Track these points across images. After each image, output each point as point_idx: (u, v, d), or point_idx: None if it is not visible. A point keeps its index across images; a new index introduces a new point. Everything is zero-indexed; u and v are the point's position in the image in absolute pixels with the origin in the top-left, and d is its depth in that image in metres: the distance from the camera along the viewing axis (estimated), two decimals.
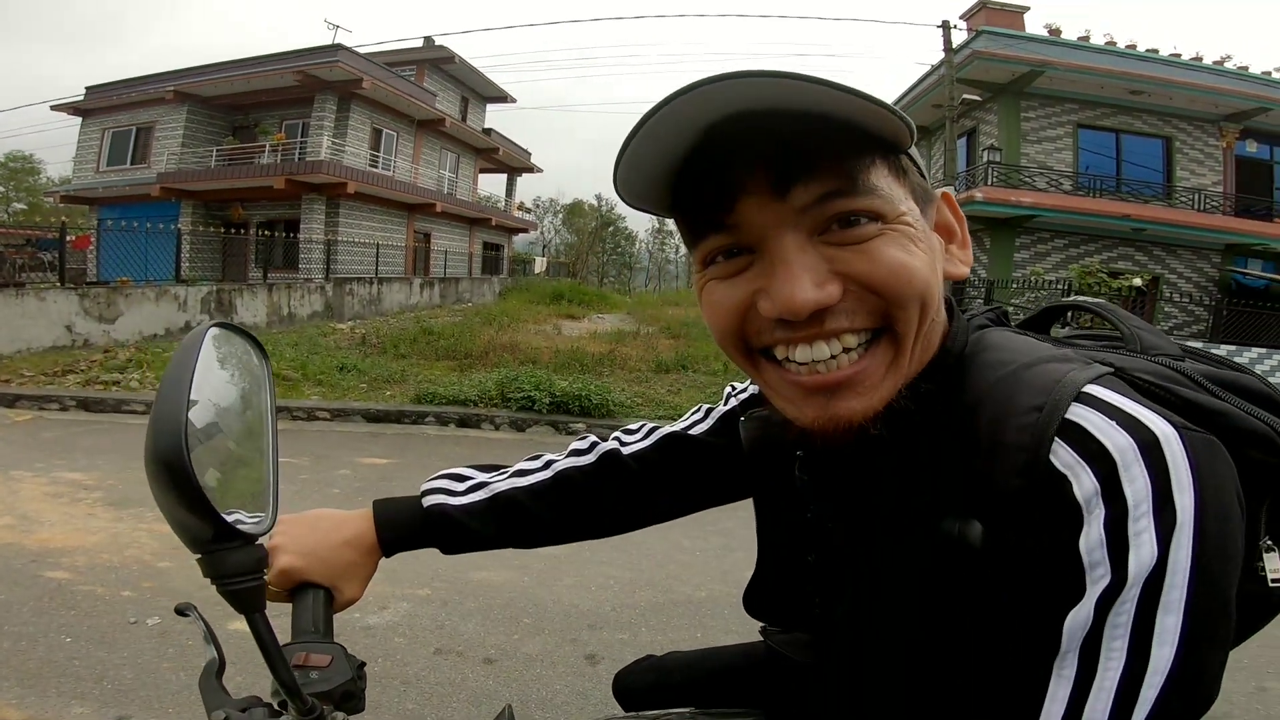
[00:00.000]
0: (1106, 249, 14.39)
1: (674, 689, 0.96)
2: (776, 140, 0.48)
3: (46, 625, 2.46)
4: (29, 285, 9.00)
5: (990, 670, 0.50)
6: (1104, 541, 0.43)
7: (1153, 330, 0.63)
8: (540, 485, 0.85)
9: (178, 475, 0.44)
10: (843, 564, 0.65)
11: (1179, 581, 0.42)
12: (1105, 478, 0.44)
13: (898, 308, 0.51)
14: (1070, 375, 0.48)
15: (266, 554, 0.52)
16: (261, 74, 17.02)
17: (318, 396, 6.94)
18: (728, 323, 0.54)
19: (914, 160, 0.55)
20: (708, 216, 0.53)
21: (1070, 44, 14.59)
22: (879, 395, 0.52)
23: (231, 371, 0.60)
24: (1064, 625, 0.44)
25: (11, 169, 36.19)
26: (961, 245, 0.61)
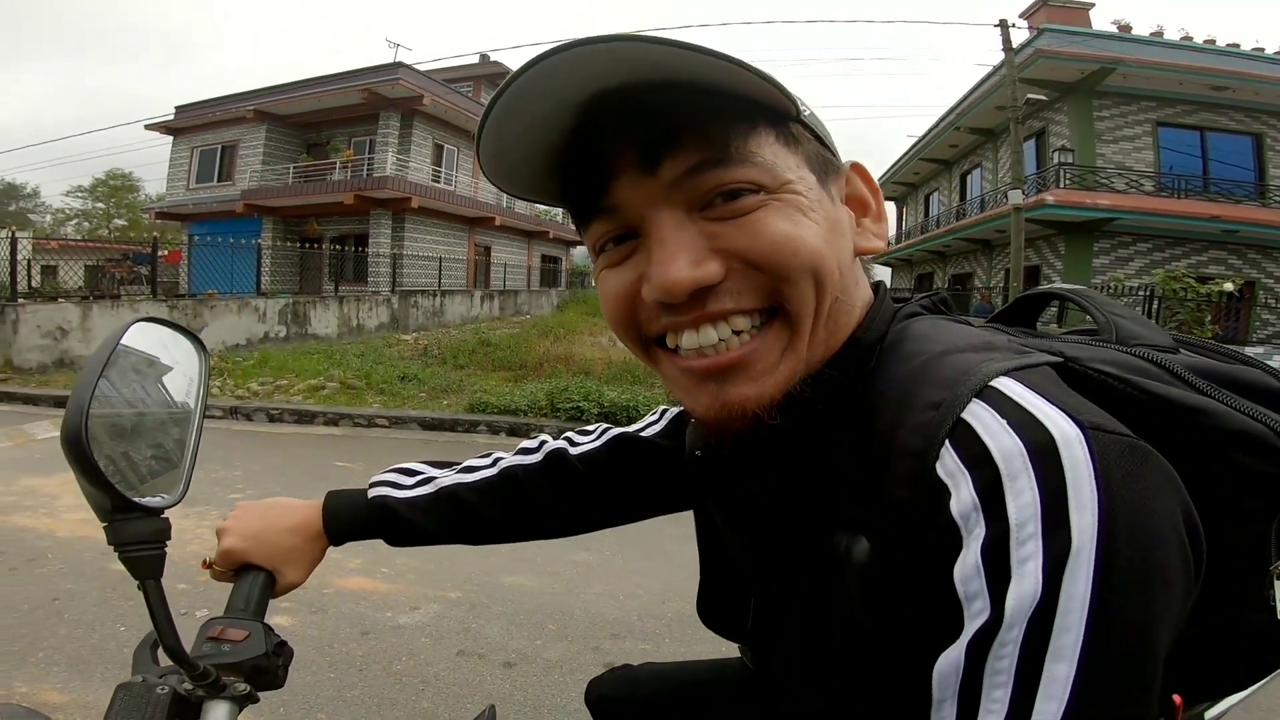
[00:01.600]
0: (1195, 252, 13.55)
1: (641, 700, 0.95)
2: (644, 115, 0.46)
3: (105, 615, 2.63)
4: (125, 297, 9.71)
5: (879, 709, 0.46)
6: (981, 569, 0.36)
7: (1139, 319, 0.56)
8: (484, 482, 0.85)
9: (76, 451, 0.50)
10: (750, 575, 0.63)
11: (1072, 623, 0.34)
12: (986, 490, 0.37)
13: (786, 283, 0.47)
14: (981, 366, 0.41)
15: (167, 527, 0.56)
16: (330, 92, 17.88)
17: (379, 405, 7.21)
18: (619, 311, 0.52)
19: (809, 128, 0.51)
20: (587, 201, 0.51)
21: (1143, 40, 13.95)
22: (774, 381, 0.48)
23: (158, 361, 0.64)
24: (935, 668, 0.38)
25: (112, 186, 39.06)
26: (876, 219, 0.56)
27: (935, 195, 22.50)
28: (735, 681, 0.90)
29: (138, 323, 0.61)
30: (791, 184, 0.48)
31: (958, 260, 20.30)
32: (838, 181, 0.54)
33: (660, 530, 3.65)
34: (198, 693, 0.58)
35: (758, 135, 0.47)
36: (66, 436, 0.50)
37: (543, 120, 0.47)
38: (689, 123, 0.46)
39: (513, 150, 0.50)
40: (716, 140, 0.46)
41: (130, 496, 0.53)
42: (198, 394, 0.67)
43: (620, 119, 0.46)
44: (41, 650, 2.35)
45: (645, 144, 0.46)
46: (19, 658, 2.29)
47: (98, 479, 0.51)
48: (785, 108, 0.48)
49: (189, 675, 0.57)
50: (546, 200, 0.56)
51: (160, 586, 0.56)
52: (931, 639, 0.39)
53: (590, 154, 0.48)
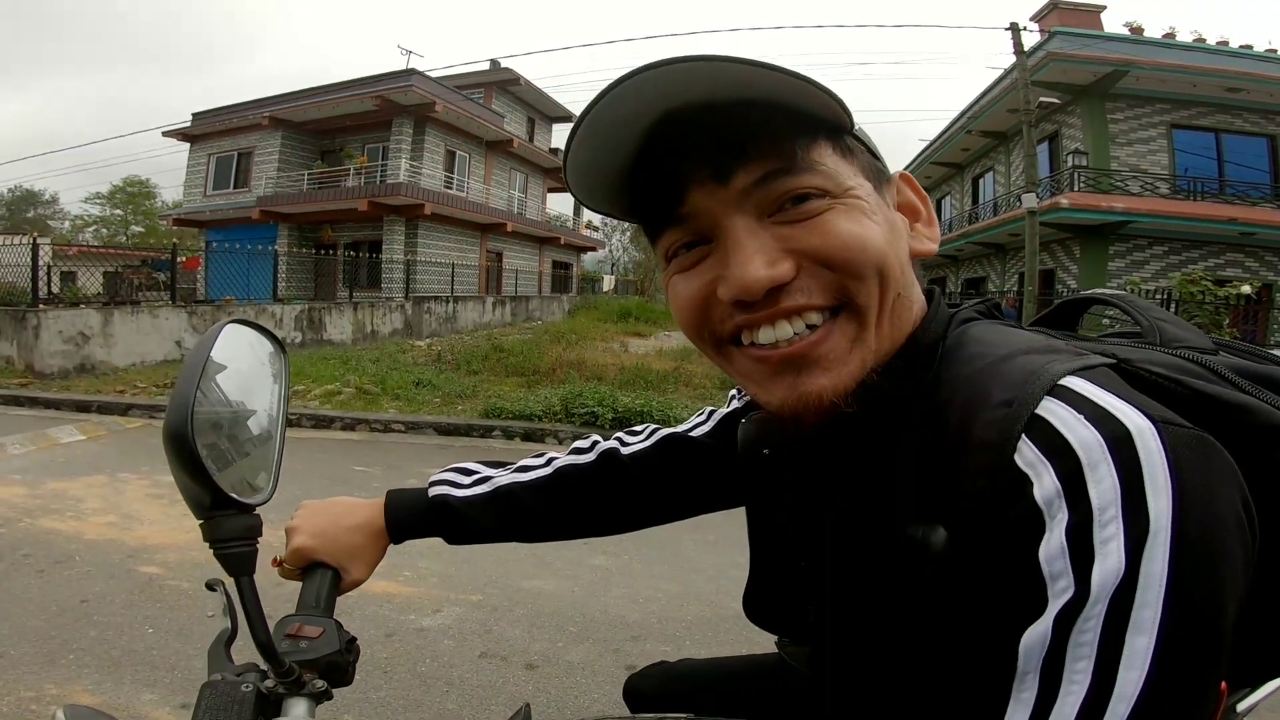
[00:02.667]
0: (1212, 255, 13.41)
1: (681, 695, 0.96)
2: (715, 129, 0.49)
3: (133, 617, 2.68)
4: (144, 303, 9.84)
5: (956, 690, 0.47)
6: (1065, 550, 0.39)
7: (1179, 323, 0.59)
8: (540, 481, 0.87)
9: (182, 448, 0.52)
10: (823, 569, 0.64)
11: (1151, 598, 0.37)
12: (1069, 478, 0.39)
13: (854, 279, 0.50)
14: (1048, 367, 0.44)
15: (259, 523, 0.58)
16: (344, 99, 18.07)
17: (395, 410, 7.25)
18: (692, 313, 0.54)
19: (862, 141, 0.55)
20: (661, 211, 0.54)
21: (1156, 42, 13.83)
22: (847, 371, 0.51)
23: (247, 362, 0.67)
24: (1021, 643, 0.40)
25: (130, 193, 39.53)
26: (927, 224, 0.60)
27: (948, 199, 22.39)
28: (773, 675, 0.91)
29: (229, 324, 0.63)
30: (853, 190, 0.51)
31: (970, 264, 20.20)
32: (889, 190, 0.57)
33: (679, 535, 3.69)
34: (279, 690, 0.60)
35: (819, 146, 0.51)
36: (172, 433, 0.52)
37: (619, 137, 0.50)
38: (758, 135, 0.49)
39: (594, 168, 0.53)
40: (784, 151, 0.49)
41: (227, 493, 0.55)
42: (281, 394, 0.70)
43: (694, 133, 0.49)
44: (72, 653, 2.39)
45: (718, 156, 0.50)
46: (49, 659, 2.33)
47: (200, 475, 0.53)
48: (842, 121, 0.52)
49: (275, 672, 0.59)
50: (622, 215, 0.59)
51: (253, 583, 0.58)
52: (1013, 618, 0.41)
53: (664, 166, 0.52)
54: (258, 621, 0.57)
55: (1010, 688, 0.41)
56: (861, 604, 0.57)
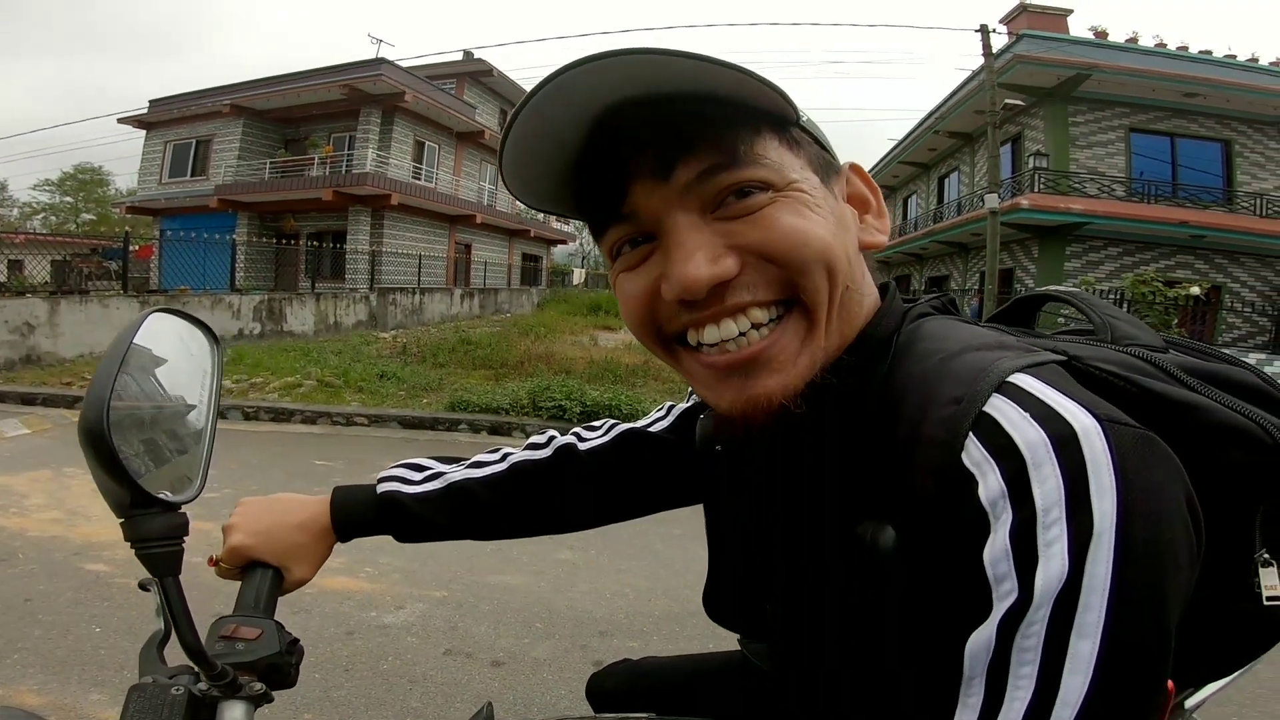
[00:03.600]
0: (1163, 257, 13.85)
1: (644, 693, 0.95)
2: (657, 124, 0.48)
3: (80, 615, 2.57)
4: (94, 293, 9.48)
5: (907, 691, 0.47)
6: (1009, 552, 0.38)
7: (1131, 321, 0.59)
8: (495, 477, 0.84)
9: (98, 444, 0.48)
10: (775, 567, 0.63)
11: (1095, 602, 0.36)
12: (1013, 477, 0.39)
13: (799, 274, 0.49)
14: (998, 364, 0.44)
15: (185, 522, 0.55)
16: (310, 88, 17.64)
17: (358, 403, 7.12)
18: (638, 312, 0.53)
19: (809, 132, 0.54)
20: (604, 208, 0.53)
21: (1118, 46, 14.21)
22: (796, 372, 0.50)
23: (174, 354, 0.62)
24: (966, 647, 0.40)
25: (81, 180, 38.15)
26: (877, 215, 0.59)
27: (914, 198, 22.80)
28: (736, 673, 0.90)
29: (153, 313, 0.59)
30: (797, 183, 0.50)
31: (934, 263, 20.59)
32: (839, 181, 0.56)
33: (646, 530, 3.68)
34: (213, 693, 0.57)
35: (763, 139, 0.50)
36: (87, 429, 0.48)
37: (560, 133, 0.49)
38: (700, 130, 0.48)
39: (533, 164, 0.52)
40: (726, 145, 0.48)
41: (150, 491, 0.52)
42: (212, 387, 0.66)
43: (634, 129, 0.49)
44: (17, 652, 2.29)
45: (659, 151, 0.49)
46: None
47: (118, 473, 0.50)
48: (787, 113, 0.51)
49: (207, 675, 0.56)
50: (564, 212, 0.58)
51: (179, 584, 0.54)
52: (959, 621, 0.41)
53: (606, 163, 0.51)
54: (184, 624, 0.54)
55: (958, 692, 0.40)
56: (814, 602, 0.56)
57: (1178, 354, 0.54)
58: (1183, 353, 0.55)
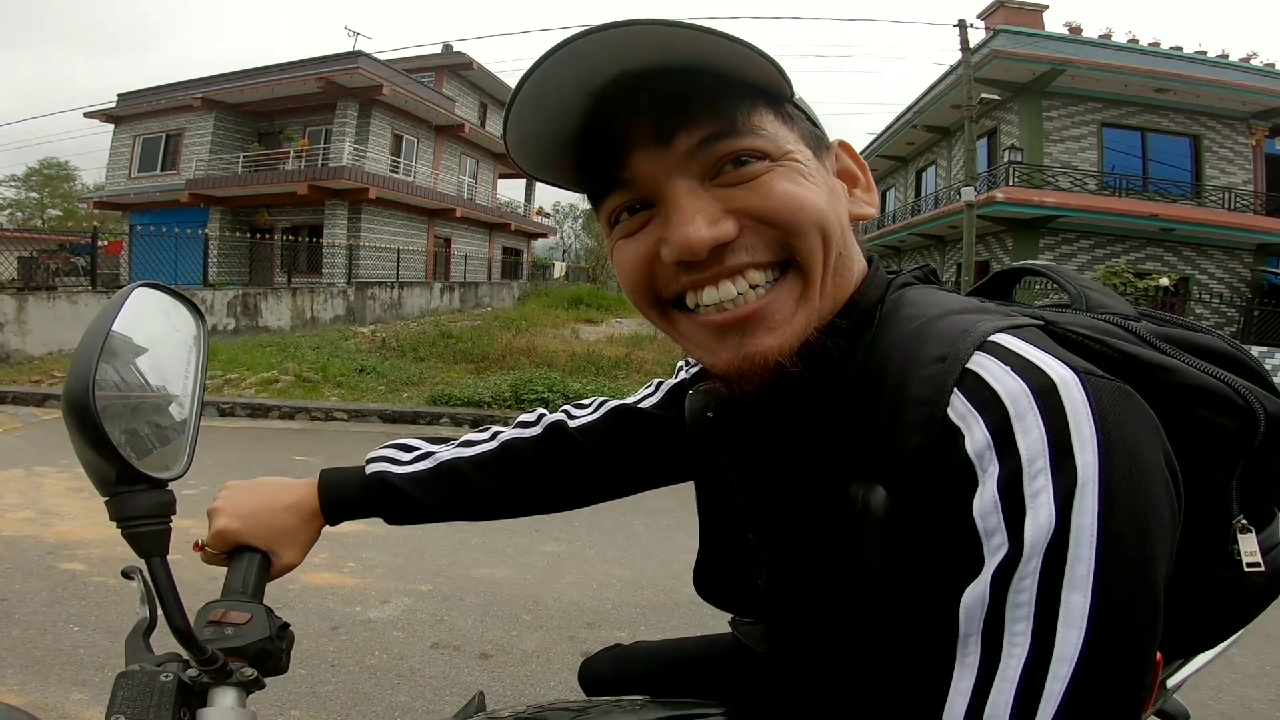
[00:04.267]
0: (1134, 249, 14.11)
1: (636, 677, 0.95)
2: (658, 93, 0.49)
3: (57, 615, 2.52)
4: (61, 289, 9.24)
5: (904, 656, 0.47)
6: (998, 504, 0.39)
7: (1105, 291, 0.61)
8: (485, 456, 0.83)
9: (84, 418, 0.47)
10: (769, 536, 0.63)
11: (1084, 553, 0.36)
12: (997, 428, 0.39)
13: (795, 236, 0.50)
14: (979, 325, 0.45)
15: (172, 500, 0.54)
16: (285, 80, 17.32)
17: (336, 398, 7.03)
18: (637, 277, 0.54)
19: (802, 109, 0.55)
20: (604, 175, 0.53)
21: (1092, 42, 14.40)
22: (791, 331, 0.51)
23: (159, 329, 0.61)
24: (961, 604, 0.40)
25: (47, 175, 37.16)
26: (866, 189, 0.60)
27: (892, 191, 22.98)
28: (727, 654, 0.90)
29: (138, 288, 0.58)
30: (792, 154, 0.52)
31: (912, 255, 20.79)
32: (829, 157, 0.58)
33: (631, 521, 3.69)
34: (203, 679, 0.56)
35: (759, 112, 0.51)
36: (71, 402, 0.47)
37: (564, 101, 0.50)
38: (700, 99, 0.49)
39: (536, 131, 0.52)
40: (725, 115, 0.49)
41: (136, 467, 0.51)
42: (197, 364, 0.65)
43: (637, 97, 0.49)
44: None
45: (660, 119, 0.50)
46: None
47: (105, 447, 0.48)
48: (782, 89, 0.52)
49: (196, 660, 0.55)
50: (563, 182, 0.58)
51: (167, 564, 0.53)
52: (953, 577, 0.41)
53: (608, 130, 0.51)
54: (173, 606, 0.53)
55: (954, 653, 0.40)
56: (808, 569, 0.56)
57: (1150, 323, 0.55)
58: (1155, 322, 0.56)
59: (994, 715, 0.38)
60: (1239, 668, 2.62)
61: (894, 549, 0.46)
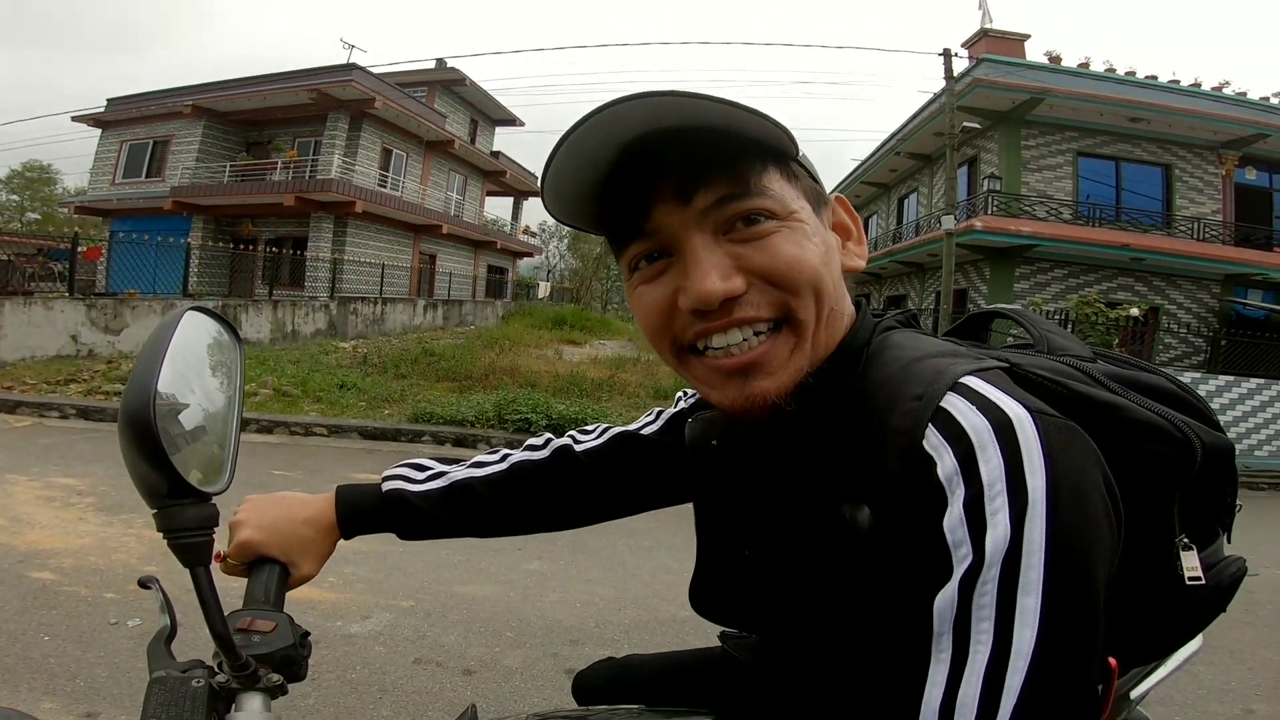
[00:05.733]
0: (1106, 279, 14.36)
1: (630, 688, 0.97)
2: (680, 154, 0.55)
3: (27, 624, 2.48)
4: (37, 294, 9.09)
5: (887, 658, 0.51)
6: (964, 520, 0.45)
7: (1065, 335, 0.68)
8: (495, 476, 0.88)
9: (142, 432, 0.49)
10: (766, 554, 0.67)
11: (1035, 562, 0.42)
12: (963, 458, 0.46)
13: (794, 296, 0.56)
14: (952, 368, 0.51)
15: (217, 513, 0.56)
16: (277, 91, 17.26)
17: (316, 413, 6.97)
18: (656, 320, 0.60)
19: (805, 167, 0.61)
20: (628, 225, 0.59)
21: (1070, 71, 14.64)
22: (787, 374, 0.57)
23: (204, 350, 0.64)
24: (934, 607, 0.45)
25: (28, 179, 36.60)
26: (858, 242, 0.67)
27: (874, 218, 23.32)
28: (717, 666, 0.93)
29: (189, 311, 0.61)
30: (796, 214, 0.57)
31: (893, 282, 21.09)
32: (827, 211, 0.64)
33: (613, 541, 3.69)
34: (231, 684, 0.57)
35: (768, 172, 0.57)
36: (132, 418, 0.49)
37: (595, 156, 0.56)
38: (716, 161, 0.55)
39: (569, 183, 0.58)
40: (739, 176, 0.55)
41: (188, 481, 0.53)
42: (237, 384, 0.67)
43: (660, 157, 0.55)
44: None
45: (681, 179, 0.55)
46: None
47: (160, 461, 0.50)
48: (788, 149, 0.58)
49: (230, 665, 0.57)
50: (590, 227, 0.64)
51: (210, 573, 0.55)
52: (927, 584, 0.46)
53: (633, 186, 0.57)
54: (215, 613, 0.55)
55: (929, 651, 0.46)
56: (801, 583, 0.61)
57: (1105, 364, 0.62)
58: (1109, 363, 0.63)
59: (964, 705, 0.43)
60: (1205, 684, 2.68)
61: (877, 559, 0.51)
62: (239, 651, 0.56)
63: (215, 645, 0.56)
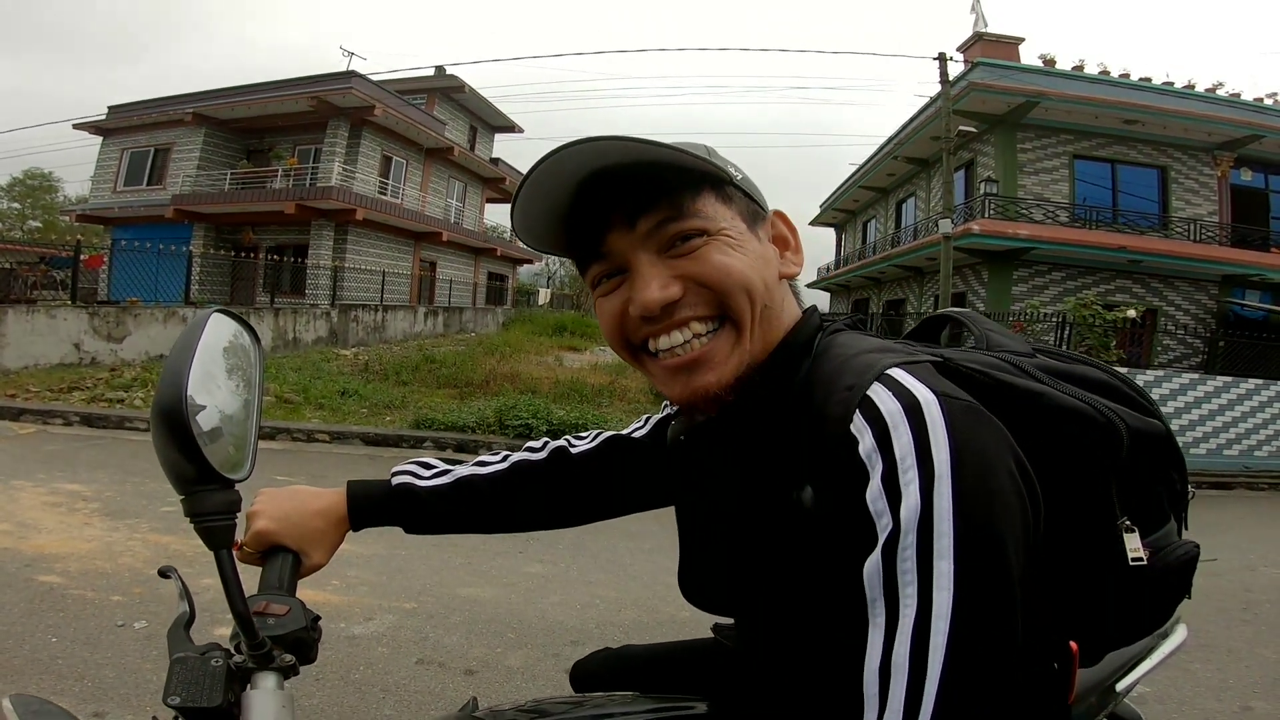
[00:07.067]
0: (1104, 281, 14.34)
1: (625, 676, 1.01)
2: (626, 187, 0.63)
3: (34, 626, 2.51)
4: (40, 302, 9.13)
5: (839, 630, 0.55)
6: (883, 492, 0.50)
7: (1005, 333, 0.75)
8: (497, 474, 0.94)
9: (175, 420, 0.54)
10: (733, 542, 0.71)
11: (945, 529, 0.47)
12: (879, 436, 0.51)
13: (726, 295, 0.64)
14: (880, 362, 0.57)
15: (239, 499, 0.60)
16: (277, 98, 17.34)
17: (318, 420, 7.00)
18: (613, 326, 0.69)
19: (742, 189, 0.69)
20: (588, 249, 0.68)
21: (1064, 74, 14.68)
22: (727, 370, 0.65)
23: (227, 348, 0.69)
24: (864, 574, 0.50)
25: (29, 186, 36.67)
26: (795, 251, 0.75)
27: (873, 223, 23.35)
28: (708, 654, 0.99)
29: (215, 312, 0.66)
30: (725, 230, 0.65)
31: (892, 286, 21.09)
32: (765, 226, 0.71)
33: (615, 544, 3.73)
34: (248, 664, 0.61)
35: (703, 196, 0.65)
36: (166, 408, 0.54)
37: (555, 193, 0.64)
38: (655, 192, 0.64)
39: (536, 216, 0.67)
40: (675, 203, 0.64)
41: (215, 468, 0.57)
42: (257, 381, 0.72)
43: (609, 191, 0.63)
44: None
45: (626, 209, 0.64)
46: None
47: (190, 449, 0.54)
48: (721, 176, 0.66)
49: (249, 644, 0.61)
50: (558, 252, 0.72)
51: (233, 556, 0.59)
52: (858, 553, 0.51)
53: (590, 216, 0.66)
54: (237, 593, 0.59)
55: (866, 617, 0.50)
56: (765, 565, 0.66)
57: (1043, 358, 0.68)
58: (1047, 356, 0.69)
59: (898, 665, 0.47)
60: (1202, 681, 2.70)
61: (821, 536, 0.56)
62: (256, 630, 0.60)
63: (235, 624, 0.60)
